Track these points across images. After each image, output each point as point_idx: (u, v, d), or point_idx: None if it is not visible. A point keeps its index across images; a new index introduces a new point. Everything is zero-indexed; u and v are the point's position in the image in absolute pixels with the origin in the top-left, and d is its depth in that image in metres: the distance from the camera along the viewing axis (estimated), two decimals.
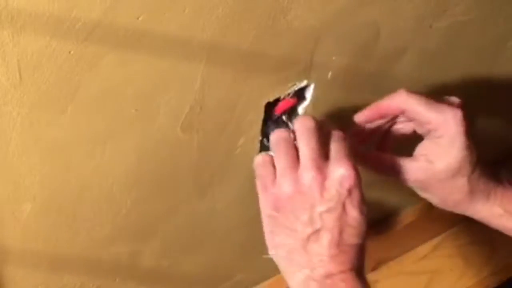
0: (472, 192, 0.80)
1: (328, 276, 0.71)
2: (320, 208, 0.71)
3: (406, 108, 0.79)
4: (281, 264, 0.74)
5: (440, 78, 0.94)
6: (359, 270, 0.72)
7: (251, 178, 0.77)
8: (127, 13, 0.62)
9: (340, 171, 0.72)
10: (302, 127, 0.75)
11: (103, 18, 0.61)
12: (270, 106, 0.80)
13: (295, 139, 0.75)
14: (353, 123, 0.81)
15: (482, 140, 1.06)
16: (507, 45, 0.97)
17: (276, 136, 0.77)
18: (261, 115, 0.80)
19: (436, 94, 0.87)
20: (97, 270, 0.86)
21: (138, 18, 0.63)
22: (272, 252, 0.75)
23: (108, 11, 0.61)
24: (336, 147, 0.74)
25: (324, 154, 0.73)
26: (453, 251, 1.17)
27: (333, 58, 0.80)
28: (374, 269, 1.17)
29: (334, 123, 0.78)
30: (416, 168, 0.80)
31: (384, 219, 1.14)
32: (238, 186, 0.86)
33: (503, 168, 1.14)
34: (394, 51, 0.85)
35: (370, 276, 1.15)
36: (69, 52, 0.62)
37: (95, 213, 0.79)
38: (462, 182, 0.79)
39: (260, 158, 0.76)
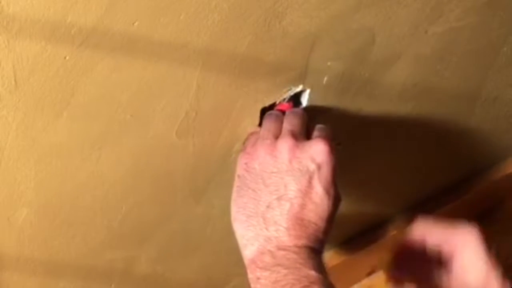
0: None
1: (282, 248, 0.70)
2: (286, 175, 0.72)
3: (426, 233, 0.84)
4: (239, 232, 0.73)
5: (435, 83, 0.94)
6: (316, 250, 0.71)
7: None
8: (123, 18, 0.62)
9: (315, 146, 0.73)
10: (292, 111, 0.79)
11: (99, 24, 0.61)
12: (265, 111, 0.80)
13: None
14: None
15: (479, 144, 1.06)
16: (502, 51, 0.97)
17: (269, 112, 0.79)
18: (256, 120, 0.80)
19: (431, 100, 0.87)
20: (93, 276, 0.86)
21: (133, 24, 0.63)
22: (233, 221, 0.74)
23: (103, 16, 0.61)
24: (319, 130, 0.76)
25: (305, 133, 0.75)
26: None
27: (329, 63, 0.81)
28: (369, 274, 1.17)
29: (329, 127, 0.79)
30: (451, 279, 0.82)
31: (378, 226, 1.14)
32: None
33: None
34: (389, 56, 0.85)
35: (365, 282, 1.16)
36: (65, 58, 0.62)
37: (90, 218, 0.79)
38: None
39: (253, 129, 0.79)
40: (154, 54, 0.67)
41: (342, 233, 1.11)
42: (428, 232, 0.84)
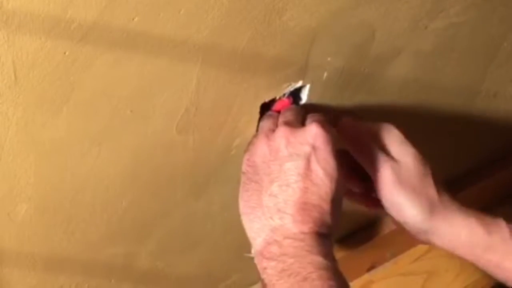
0: (443, 202, 0.80)
1: (288, 236, 0.70)
2: (285, 161, 0.72)
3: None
4: (246, 225, 0.74)
5: (435, 79, 0.94)
6: (323, 235, 0.71)
7: None
8: (123, 14, 0.62)
9: (309, 129, 0.73)
10: (287, 108, 0.80)
11: (99, 19, 0.61)
12: (265, 107, 0.80)
13: None
14: None
15: (479, 140, 1.06)
16: (502, 46, 0.97)
17: (265, 114, 0.80)
18: (256, 116, 0.80)
19: (431, 96, 0.86)
20: (93, 271, 0.86)
21: (133, 19, 0.63)
22: (241, 215, 0.74)
23: (103, 11, 0.61)
24: (311, 117, 0.76)
25: (300, 122, 0.76)
26: (448, 252, 1.17)
27: (329, 59, 0.80)
28: (369, 270, 1.17)
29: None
30: (387, 167, 0.79)
31: (379, 220, 1.14)
32: (234, 187, 0.86)
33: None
34: (389, 52, 0.85)
35: (365, 277, 1.16)
36: (65, 53, 0.62)
37: (90, 214, 0.79)
38: (432, 184, 0.79)
39: (253, 126, 0.80)
40: (154, 50, 0.66)
41: (342, 227, 1.11)
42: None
